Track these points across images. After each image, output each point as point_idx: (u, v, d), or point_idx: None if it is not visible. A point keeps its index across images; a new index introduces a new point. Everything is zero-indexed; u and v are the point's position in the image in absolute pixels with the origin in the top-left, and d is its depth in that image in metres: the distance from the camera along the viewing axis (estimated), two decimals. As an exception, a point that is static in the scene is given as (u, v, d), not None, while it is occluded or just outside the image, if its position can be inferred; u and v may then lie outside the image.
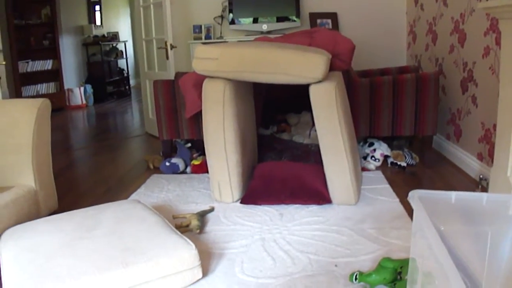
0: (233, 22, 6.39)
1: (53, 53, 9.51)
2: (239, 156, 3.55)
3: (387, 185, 3.83)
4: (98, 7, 11.99)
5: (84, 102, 10.02)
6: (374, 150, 4.42)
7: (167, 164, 4.45)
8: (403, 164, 4.32)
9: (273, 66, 3.18)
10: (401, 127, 4.33)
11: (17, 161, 2.98)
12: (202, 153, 4.56)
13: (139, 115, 8.64)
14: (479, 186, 3.68)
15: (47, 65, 9.51)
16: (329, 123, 3.24)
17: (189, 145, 4.85)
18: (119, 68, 12.29)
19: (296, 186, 3.53)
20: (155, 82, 4.66)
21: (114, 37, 12.38)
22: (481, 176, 3.69)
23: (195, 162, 4.45)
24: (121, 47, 12.53)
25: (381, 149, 4.42)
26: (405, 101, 4.26)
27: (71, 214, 2.75)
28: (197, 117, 4.42)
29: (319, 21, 6.30)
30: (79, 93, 9.94)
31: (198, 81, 3.79)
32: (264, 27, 6.32)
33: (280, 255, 2.71)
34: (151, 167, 4.69)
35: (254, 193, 3.56)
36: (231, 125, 3.43)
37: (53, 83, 9.66)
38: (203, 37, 6.49)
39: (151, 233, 2.47)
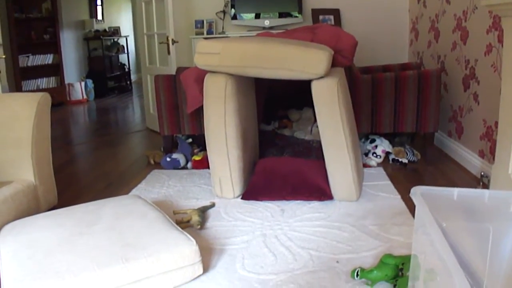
0: (235, 17, 6.37)
1: (54, 47, 9.49)
2: (240, 151, 3.54)
3: (388, 182, 3.82)
4: (99, 2, 11.97)
5: (85, 97, 10.01)
6: (376, 146, 4.41)
7: (168, 159, 4.44)
8: (404, 160, 4.31)
9: (275, 62, 3.17)
10: (402, 124, 4.32)
11: (16, 156, 2.97)
12: (203, 149, 4.55)
13: (140, 110, 8.64)
14: (480, 183, 3.68)
15: (48, 59, 9.50)
16: (331, 119, 3.23)
17: (190, 140, 4.84)
18: (120, 63, 12.27)
19: (297, 182, 3.52)
20: (156, 77, 4.64)
21: (115, 31, 12.36)
22: (482, 173, 3.68)
23: (196, 158, 4.44)
24: (122, 42, 12.51)
25: (382, 146, 4.41)
26: (407, 98, 4.25)
27: (71, 210, 2.75)
28: (198, 112, 4.41)
29: (321, 17, 6.28)
30: (80, 88, 9.93)
31: (200, 76, 3.78)
32: (266, 22, 6.30)
33: (281, 251, 2.70)
34: (152, 162, 4.68)
35: (255, 189, 3.55)
36: (232, 120, 3.42)
37: (53, 77, 9.65)
38: (205, 32, 6.47)
39: (151, 228, 2.46)
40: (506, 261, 1.97)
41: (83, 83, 10.05)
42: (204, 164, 4.29)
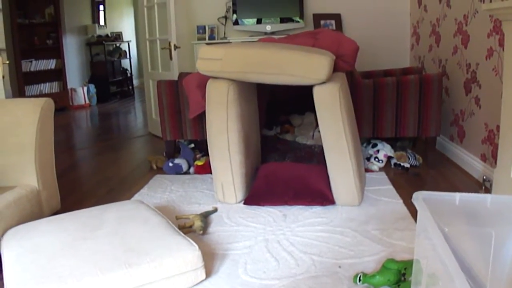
0: (237, 23, 6.38)
1: (56, 52, 9.51)
2: (243, 157, 3.55)
3: (390, 186, 3.82)
4: (102, 7, 12.01)
5: (87, 101, 10.04)
6: (378, 151, 4.41)
7: (170, 164, 4.45)
8: (406, 165, 4.32)
9: (277, 67, 3.18)
10: (404, 128, 4.33)
11: (20, 161, 2.98)
12: (205, 154, 4.56)
13: (142, 115, 8.65)
14: (482, 187, 3.68)
15: (51, 64, 9.51)
16: (332, 124, 3.24)
17: (192, 145, 4.84)
18: (123, 68, 12.30)
19: (299, 187, 3.52)
20: (158, 83, 4.65)
21: (117, 37, 12.39)
22: (484, 177, 3.68)
23: (199, 163, 4.44)
24: (124, 47, 12.53)
25: (384, 150, 4.41)
26: (409, 102, 4.26)
27: (74, 214, 2.75)
28: (200, 118, 4.42)
29: (322, 22, 6.29)
30: (82, 93, 9.96)
31: (202, 82, 3.79)
32: (268, 28, 6.31)
33: (283, 256, 2.70)
34: (154, 167, 4.69)
35: (258, 194, 3.56)
36: (234, 126, 3.43)
37: (56, 82, 9.66)
38: (206, 37, 6.48)
39: (154, 234, 2.46)
40: (508, 266, 1.97)
41: (85, 88, 10.08)
42: (206, 169, 4.29)
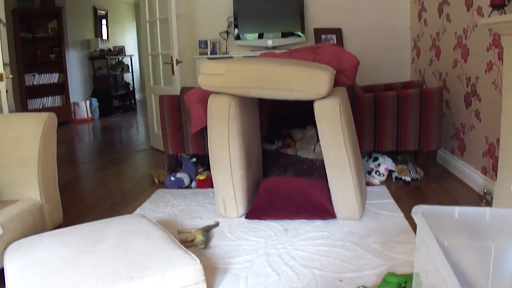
0: (238, 38, 6.42)
1: (59, 66, 9.57)
2: (244, 171, 3.56)
3: (391, 200, 3.83)
4: (104, 21, 12.10)
5: (89, 115, 10.08)
6: (379, 165, 4.43)
7: (172, 178, 4.46)
8: (407, 178, 4.33)
9: (277, 82, 3.20)
10: (405, 142, 4.34)
11: (23, 175, 3.00)
12: (207, 168, 4.58)
13: (145, 129, 8.67)
14: (483, 200, 3.68)
15: (53, 78, 9.57)
16: (333, 138, 3.26)
17: (194, 159, 4.86)
18: (125, 82, 12.35)
19: (300, 201, 3.53)
20: (160, 97, 4.68)
21: (120, 51, 12.46)
22: (485, 190, 3.69)
23: (200, 177, 4.46)
24: (127, 61, 12.60)
25: (385, 164, 4.42)
26: (409, 116, 4.28)
27: (76, 228, 2.76)
28: (202, 132, 4.44)
29: (323, 36, 6.33)
30: (84, 107, 10.00)
31: (204, 97, 3.81)
32: (269, 42, 6.35)
33: (284, 270, 2.71)
34: (156, 181, 4.71)
35: (259, 208, 3.57)
36: (236, 141, 3.45)
37: (59, 96, 9.72)
38: (208, 52, 6.52)
39: (156, 248, 2.47)
40: (508, 279, 1.98)
41: (88, 102, 10.12)
42: (208, 183, 4.30)
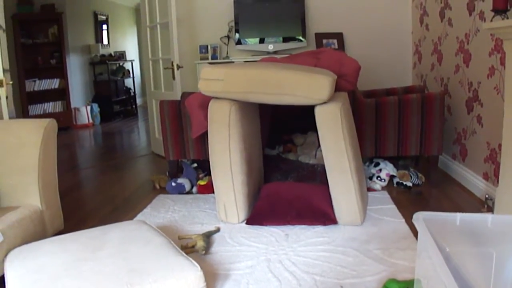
0: (239, 42, 6.43)
1: (60, 72, 9.58)
2: (245, 177, 3.56)
3: (393, 206, 3.82)
4: (105, 27, 12.11)
5: (90, 121, 10.09)
6: (380, 170, 4.42)
7: (173, 184, 4.45)
8: (409, 184, 4.32)
9: (278, 87, 3.20)
10: (406, 147, 4.33)
11: (23, 182, 2.99)
12: (208, 173, 4.57)
13: (146, 134, 8.67)
14: (485, 205, 3.67)
15: (54, 84, 9.58)
16: (334, 144, 3.25)
17: (195, 165, 4.85)
18: (126, 87, 12.36)
19: (302, 206, 3.52)
20: (161, 102, 4.68)
21: (121, 56, 12.47)
22: (487, 196, 3.68)
23: (201, 183, 4.45)
24: (128, 66, 12.61)
25: (387, 169, 4.41)
26: (411, 121, 4.27)
27: (77, 235, 2.75)
28: (203, 137, 4.43)
29: (325, 41, 6.33)
30: (85, 112, 10.00)
31: (204, 102, 3.81)
32: (270, 47, 6.35)
33: (285, 276, 2.70)
34: (157, 187, 4.70)
35: (260, 213, 3.56)
36: (236, 146, 3.44)
37: (60, 102, 9.73)
38: (209, 57, 6.52)
39: (156, 254, 2.46)
40: (510, 285, 1.97)
41: (89, 107, 10.13)
42: (209, 189, 4.29)
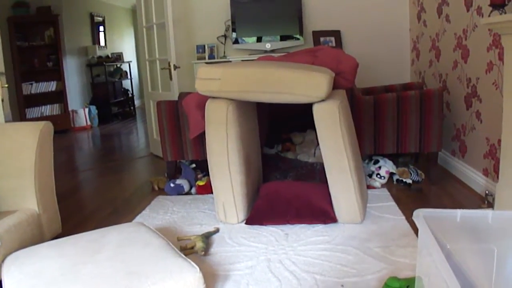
0: (236, 42, 6.41)
1: (57, 74, 9.55)
2: (244, 176, 3.54)
3: (393, 203, 3.80)
4: (101, 28, 12.08)
5: (88, 123, 10.07)
6: (380, 167, 4.40)
7: (171, 185, 4.44)
8: (408, 181, 4.30)
9: (276, 86, 3.18)
10: (406, 144, 4.31)
11: (20, 185, 2.97)
12: (207, 174, 4.55)
13: (144, 136, 8.65)
14: (485, 201, 3.66)
15: (51, 86, 9.55)
16: (333, 141, 3.23)
17: (193, 165, 4.84)
18: (124, 88, 12.33)
19: (301, 205, 3.50)
20: (158, 103, 4.65)
21: (118, 57, 12.45)
22: (487, 192, 3.67)
23: (200, 183, 4.44)
24: (125, 67, 12.59)
25: (386, 167, 4.40)
26: (410, 118, 4.25)
27: (74, 238, 2.74)
28: (201, 138, 4.42)
29: (322, 39, 6.31)
30: (83, 114, 9.98)
31: (201, 102, 3.79)
32: (268, 46, 6.33)
33: (286, 276, 2.68)
34: (156, 188, 4.68)
35: (259, 213, 3.54)
36: (234, 146, 3.43)
37: (57, 104, 9.69)
38: (206, 56, 6.51)
39: (155, 256, 2.45)
40: (511, 282, 1.95)
41: (86, 110, 10.11)
42: (208, 189, 4.28)
